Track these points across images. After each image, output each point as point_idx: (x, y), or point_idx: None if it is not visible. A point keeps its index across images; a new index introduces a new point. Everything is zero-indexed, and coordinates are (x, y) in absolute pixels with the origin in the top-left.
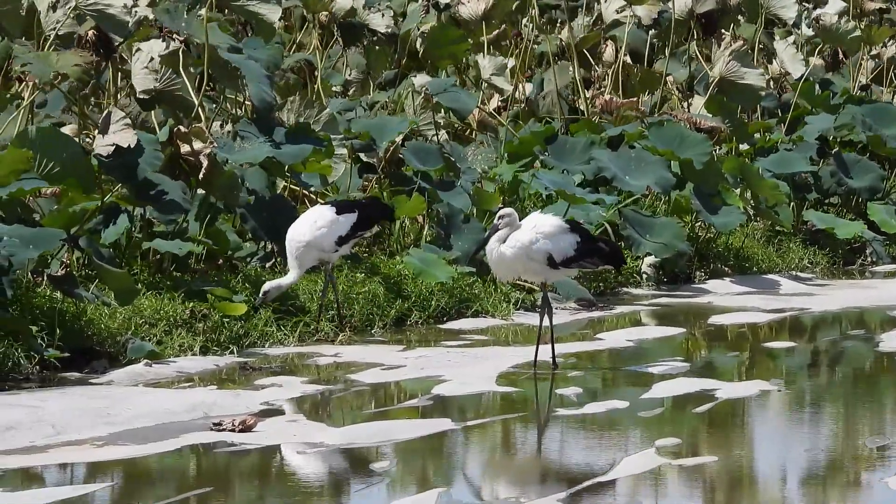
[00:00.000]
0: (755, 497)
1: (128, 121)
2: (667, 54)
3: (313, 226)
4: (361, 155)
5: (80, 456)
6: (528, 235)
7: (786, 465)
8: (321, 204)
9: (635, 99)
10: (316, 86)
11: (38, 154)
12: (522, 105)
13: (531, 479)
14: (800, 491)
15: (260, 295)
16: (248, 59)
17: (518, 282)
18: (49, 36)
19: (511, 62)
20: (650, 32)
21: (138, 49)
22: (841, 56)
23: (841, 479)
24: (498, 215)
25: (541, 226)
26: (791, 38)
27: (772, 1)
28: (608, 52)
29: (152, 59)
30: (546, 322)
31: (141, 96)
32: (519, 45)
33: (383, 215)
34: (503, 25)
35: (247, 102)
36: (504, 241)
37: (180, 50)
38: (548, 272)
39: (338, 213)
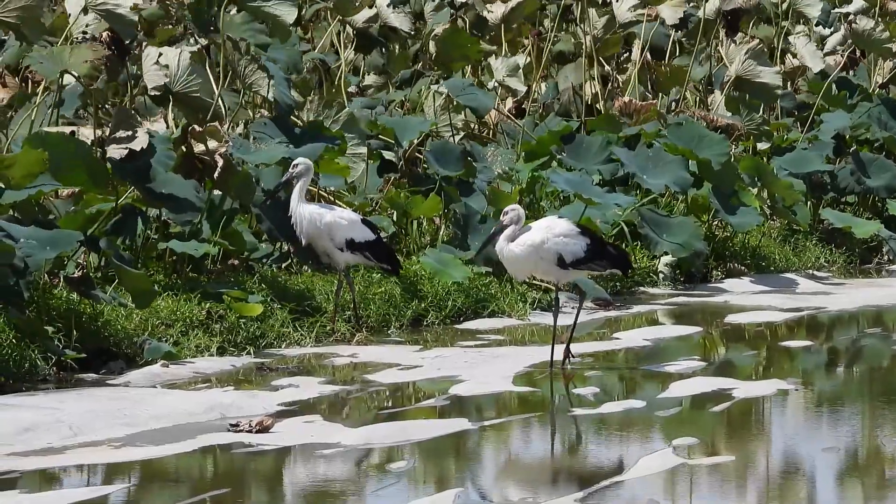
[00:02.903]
0: (773, 496)
1: (140, 121)
2: (694, 52)
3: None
4: (384, 153)
5: (98, 457)
6: (540, 235)
7: (803, 464)
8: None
9: (654, 101)
10: (335, 85)
11: (51, 156)
12: (540, 106)
13: (548, 479)
14: (818, 490)
15: None
16: (267, 60)
17: (535, 281)
18: (78, 38)
19: (525, 60)
20: (673, 31)
21: (147, 45)
22: (858, 55)
23: (859, 479)
24: (504, 211)
25: (553, 227)
26: (810, 33)
27: None
28: (634, 52)
29: (160, 54)
30: (562, 321)
31: (152, 93)
32: (539, 45)
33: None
34: (514, 25)
35: (264, 104)
36: (513, 240)
37: (199, 49)
38: (558, 272)
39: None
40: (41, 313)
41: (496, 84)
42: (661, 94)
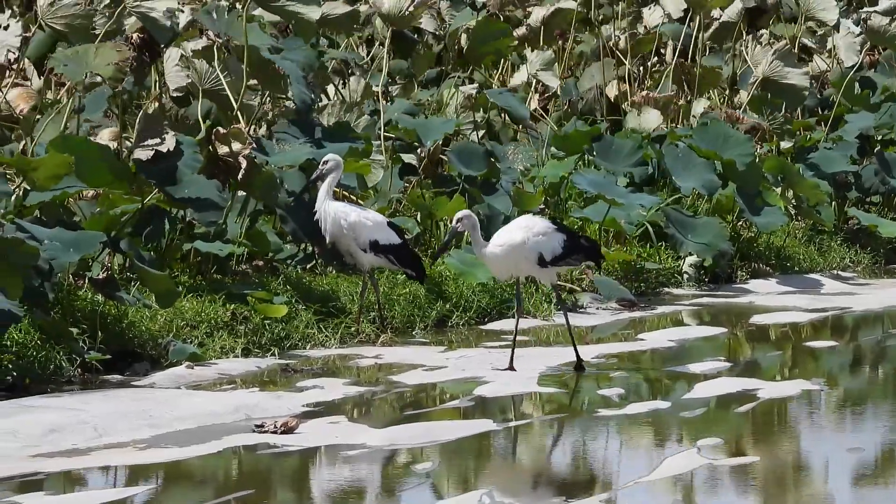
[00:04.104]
0: (798, 497)
1: (166, 123)
2: (723, 50)
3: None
4: (402, 156)
5: (123, 458)
6: (520, 235)
7: (829, 464)
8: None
9: (672, 94)
10: (365, 87)
11: (76, 159)
12: (566, 105)
13: (573, 480)
14: (843, 490)
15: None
16: (284, 59)
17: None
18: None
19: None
20: (695, 30)
21: (170, 47)
22: (877, 55)
23: (884, 479)
24: (455, 218)
25: (532, 226)
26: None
27: (812, 3)
28: (668, 52)
29: (182, 55)
30: (584, 321)
31: (174, 94)
32: (564, 45)
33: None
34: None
35: (285, 104)
36: (489, 242)
37: (214, 46)
38: (538, 270)
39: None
40: (66, 315)
41: (528, 77)
42: (692, 95)
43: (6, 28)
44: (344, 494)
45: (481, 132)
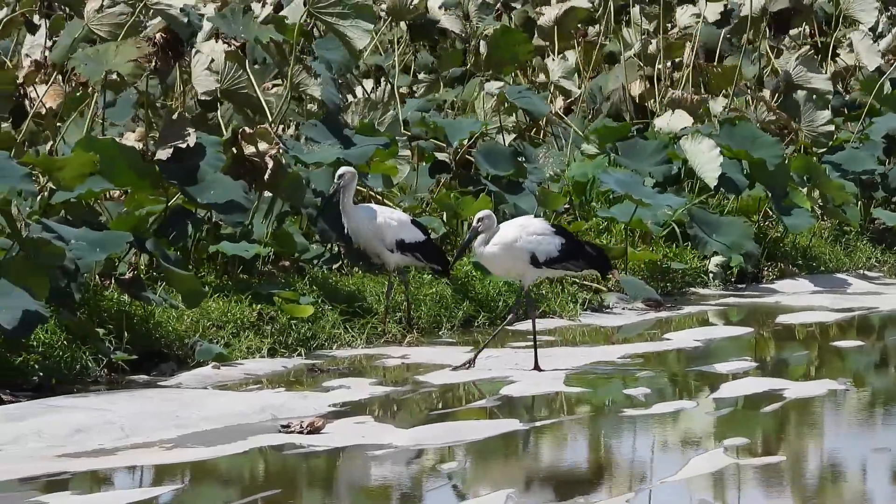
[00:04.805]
0: (826, 497)
1: (188, 121)
2: (742, 51)
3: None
4: (437, 155)
5: (149, 458)
6: (513, 234)
7: (855, 464)
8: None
9: (707, 95)
10: (385, 86)
11: (101, 159)
12: (592, 106)
13: (599, 479)
14: (869, 491)
15: None
16: (316, 61)
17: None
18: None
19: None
20: (723, 30)
21: (198, 51)
22: None
23: None
24: (476, 218)
25: (527, 226)
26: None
27: (852, 4)
28: (685, 53)
29: (213, 60)
30: (612, 321)
31: (202, 97)
32: (587, 45)
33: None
34: (570, 29)
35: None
36: (487, 242)
37: (237, 50)
38: (533, 271)
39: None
40: (92, 315)
41: (550, 84)
42: (712, 94)
43: (37, 30)
44: (370, 494)
45: (513, 135)
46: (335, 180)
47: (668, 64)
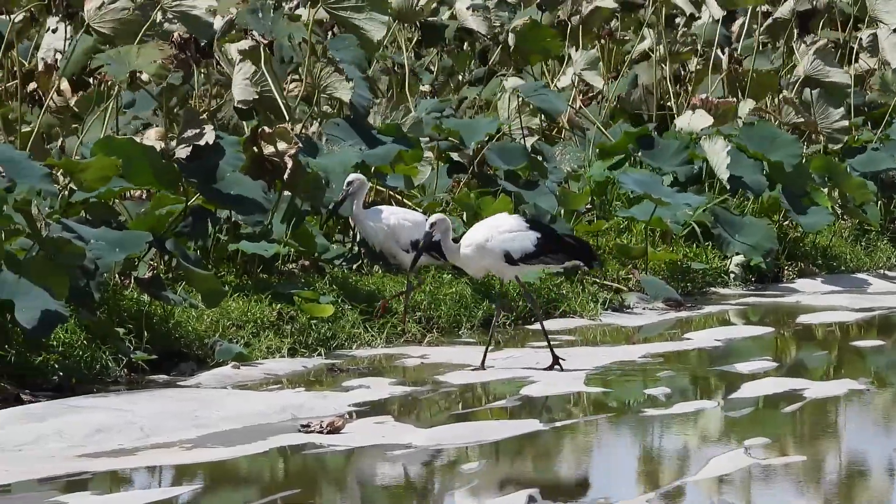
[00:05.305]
0: (845, 497)
1: (206, 119)
2: (774, 50)
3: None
4: (453, 155)
5: (169, 458)
6: (484, 234)
7: (875, 464)
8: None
9: (733, 99)
10: (404, 88)
11: (122, 159)
12: (614, 103)
13: (620, 479)
14: (890, 491)
15: None
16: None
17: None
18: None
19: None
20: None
21: (242, 60)
22: None
23: None
24: (429, 223)
25: (499, 225)
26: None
27: (877, 5)
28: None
29: (255, 71)
30: (633, 321)
31: (239, 106)
32: (611, 44)
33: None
34: (594, 28)
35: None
36: (460, 244)
37: (262, 47)
38: (507, 268)
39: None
40: (112, 315)
41: (572, 77)
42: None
43: (54, 31)
44: (390, 494)
45: (535, 137)
46: (344, 187)
47: (690, 63)
